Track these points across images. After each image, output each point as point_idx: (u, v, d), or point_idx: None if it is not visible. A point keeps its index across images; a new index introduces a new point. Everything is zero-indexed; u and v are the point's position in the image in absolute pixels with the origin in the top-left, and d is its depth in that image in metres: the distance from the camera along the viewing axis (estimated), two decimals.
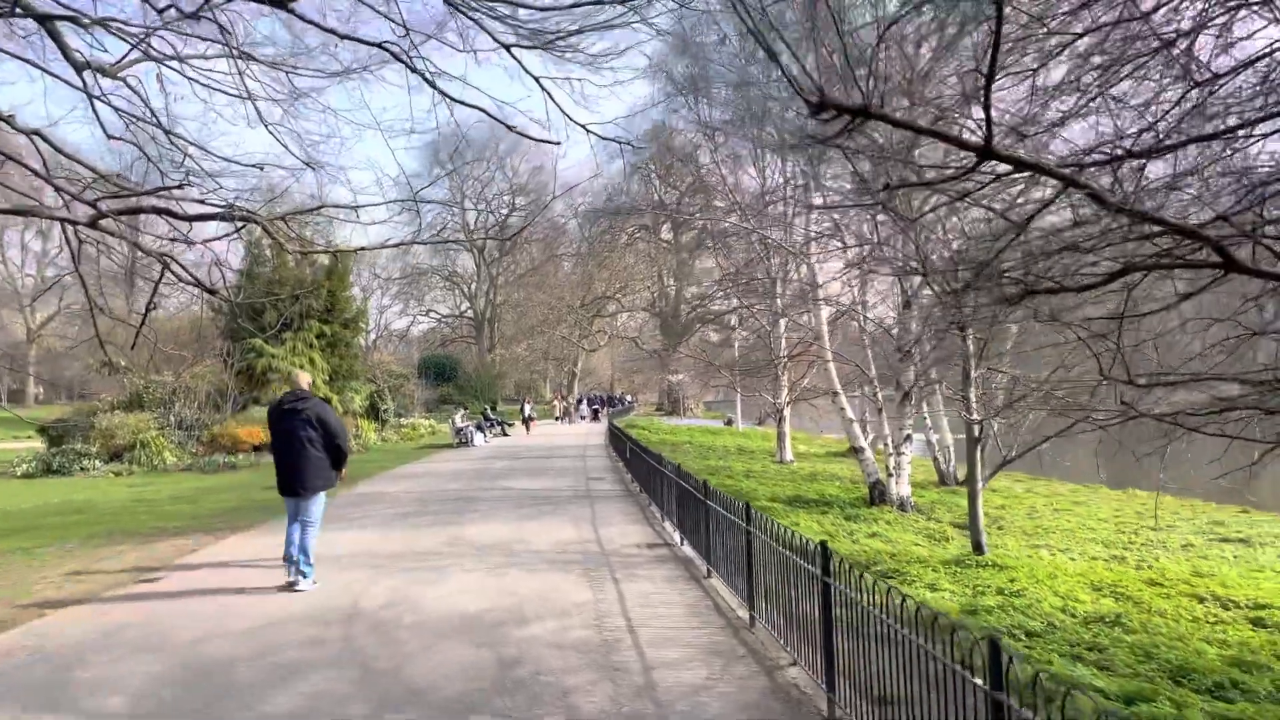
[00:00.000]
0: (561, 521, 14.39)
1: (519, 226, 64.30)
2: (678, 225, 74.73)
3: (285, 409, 9.77)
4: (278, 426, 9.79)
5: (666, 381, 65.94)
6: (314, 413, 9.73)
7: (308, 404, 9.79)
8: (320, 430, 9.72)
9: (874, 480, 17.43)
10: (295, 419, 9.67)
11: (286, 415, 9.73)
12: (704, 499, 10.00)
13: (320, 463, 9.78)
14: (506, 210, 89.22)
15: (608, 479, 21.40)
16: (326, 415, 9.84)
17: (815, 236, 19.10)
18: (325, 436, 9.75)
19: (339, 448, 9.91)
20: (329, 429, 9.78)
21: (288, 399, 9.85)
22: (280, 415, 9.79)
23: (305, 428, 9.65)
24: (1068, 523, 16.53)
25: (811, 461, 28.58)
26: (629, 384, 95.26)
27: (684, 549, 11.75)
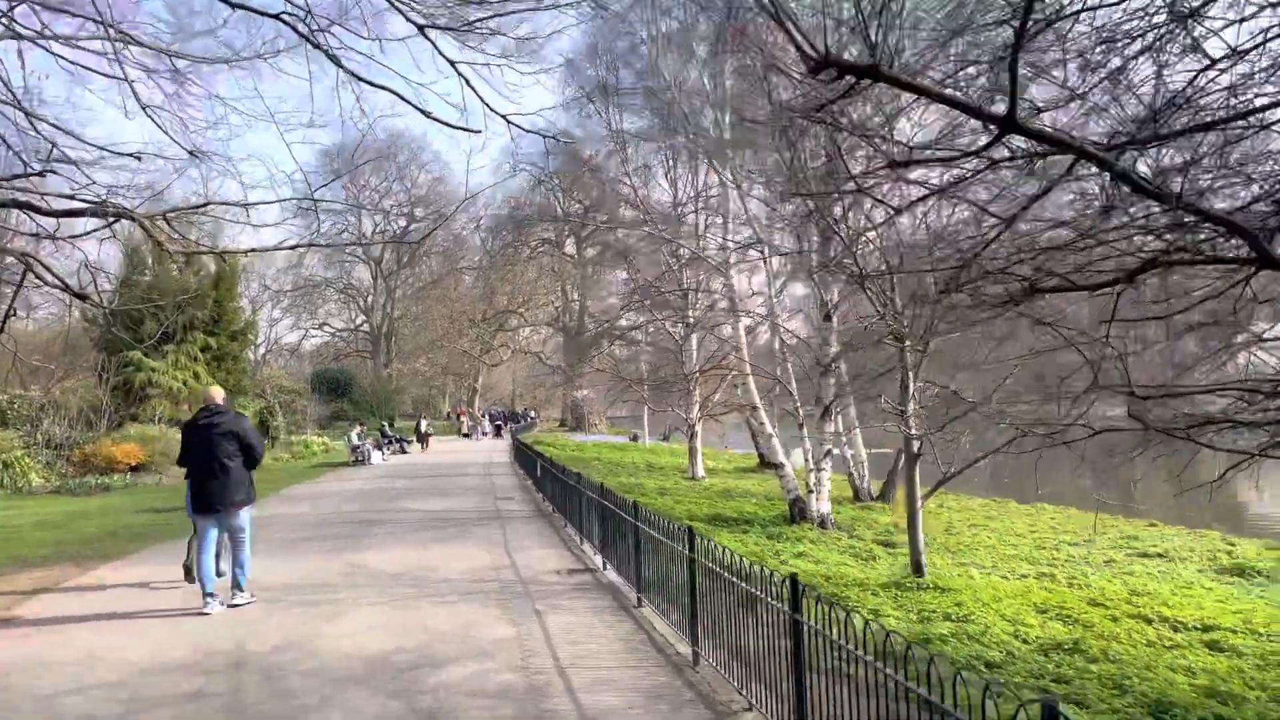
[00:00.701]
0: (472, 545, 13.43)
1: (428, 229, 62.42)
2: (582, 239, 74.13)
3: (201, 425, 9.55)
4: (193, 442, 9.52)
5: (571, 397, 64.96)
6: (231, 427, 9.56)
7: (224, 418, 9.61)
8: (238, 445, 9.55)
9: (794, 497, 16.96)
10: (212, 434, 9.46)
11: (203, 430, 9.50)
12: (634, 521, 9.24)
13: (241, 477, 9.60)
14: (405, 221, 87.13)
15: (517, 498, 20.45)
16: (245, 429, 9.70)
17: (736, 246, 18.62)
18: (244, 450, 9.60)
19: (253, 453, 9.74)
20: (248, 443, 9.63)
21: (203, 415, 9.63)
22: (196, 431, 9.55)
23: (224, 443, 9.46)
24: (987, 539, 16.35)
25: (722, 477, 28.12)
26: (530, 399, 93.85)
27: (608, 574, 10.96)
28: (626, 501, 9.75)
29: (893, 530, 16.64)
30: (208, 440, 9.46)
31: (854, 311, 16.57)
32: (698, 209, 24.73)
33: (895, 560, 13.74)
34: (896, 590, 9.74)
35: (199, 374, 33.30)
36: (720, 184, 18.82)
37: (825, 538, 15.42)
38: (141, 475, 26.72)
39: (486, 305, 74.02)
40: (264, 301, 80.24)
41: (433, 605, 9.36)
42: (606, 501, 10.83)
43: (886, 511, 19.65)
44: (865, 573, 11.58)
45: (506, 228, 71.87)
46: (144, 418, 30.52)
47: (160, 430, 29.00)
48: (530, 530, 15.04)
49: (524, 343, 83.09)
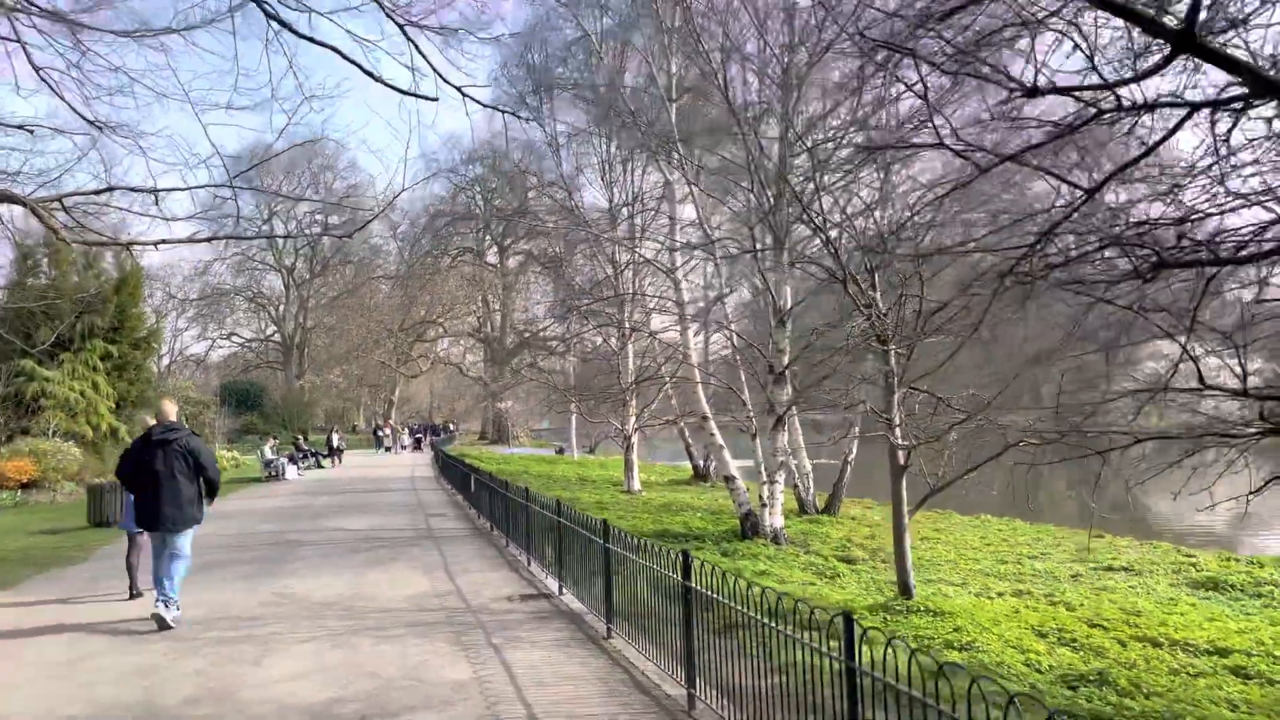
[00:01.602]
0: (410, 569, 12.28)
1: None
2: (504, 247, 72.82)
3: (155, 440, 9.37)
4: (144, 459, 9.33)
5: (493, 409, 63.40)
6: (185, 445, 9.44)
7: (179, 435, 9.48)
8: (192, 462, 9.41)
9: (746, 511, 16.18)
10: (166, 450, 9.31)
11: (156, 447, 9.33)
12: (604, 543, 8.29)
13: (192, 496, 9.47)
14: (320, 229, 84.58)
15: (450, 515, 19.24)
16: (198, 447, 9.57)
17: (683, 246, 17.82)
18: (196, 468, 9.45)
19: (210, 479, 9.65)
20: (200, 460, 9.48)
21: (156, 431, 9.44)
22: (149, 447, 9.37)
23: (177, 460, 9.32)
24: (945, 552, 15.82)
25: (657, 490, 27.27)
26: (449, 412, 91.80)
27: (566, 599, 9.97)
28: (593, 521, 8.80)
29: (848, 545, 15.98)
30: (160, 457, 9.28)
31: (814, 313, 15.93)
32: (634, 212, 23.92)
33: (860, 577, 13.07)
34: (885, 614, 8.97)
35: (98, 384, 31.07)
36: (666, 183, 17.99)
37: (782, 554, 14.66)
38: (34, 493, 24.65)
39: (404, 315, 71.97)
40: (169, 310, 76.80)
41: (375, 641, 8.24)
42: (567, 520, 9.85)
43: (835, 524, 19.03)
44: (842, 593, 10.82)
45: (424, 237, 70.23)
46: (36, 431, 28.28)
47: (54, 444, 26.88)
48: (470, 550, 13.94)
49: (444, 354, 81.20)
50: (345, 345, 73.78)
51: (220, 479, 10.00)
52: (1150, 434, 7.18)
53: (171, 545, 9.37)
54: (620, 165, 24.81)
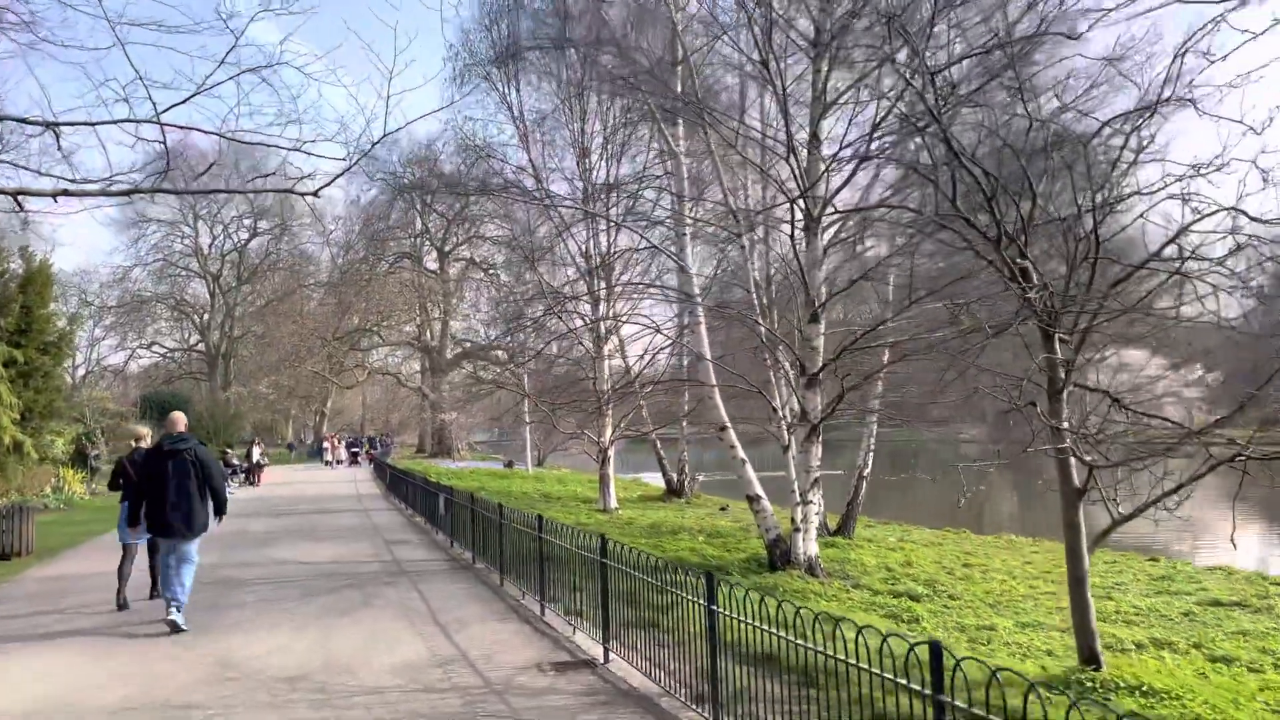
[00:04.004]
0: (390, 619, 9.64)
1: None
2: (445, 253, 69.81)
3: (167, 450, 9.62)
4: (156, 468, 9.61)
5: (436, 420, 60.16)
6: (195, 455, 9.70)
7: (188, 445, 9.74)
8: (201, 472, 9.68)
9: (775, 536, 13.81)
10: (177, 460, 9.56)
11: (168, 457, 9.58)
12: (708, 603, 5.85)
13: (199, 505, 9.68)
14: (248, 234, 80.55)
15: (415, 541, 16.52)
16: (207, 458, 9.87)
17: (703, 222, 15.43)
18: (205, 479, 9.72)
19: (219, 493, 9.93)
20: (209, 472, 9.78)
21: (167, 441, 9.68)
22: (161, 457, 9.63)
23: (188, 469, 9.57)
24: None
25: (633, 509, 24.76)
26: (383, 424, 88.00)
27: (617, 668, 7.49)
28: (672, 569, 6.35)
29: (893, 575, 13.74)
30: (170, 467, 9.52)
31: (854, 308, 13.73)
32: (610, 199, 21.47)
33: (944, 620, 10.79)
34: (1079, 693, 6.66)
35: (0, 393, 27.47)
36: (671, 155, 15.59)
37: (828, 590, 12.35)
38: None
39: (338, 323, 68.26)
40: (85, 318, 71.96)
41: None
42: (629, 567, 7.37)
43: (856, 548, 16.80)
44: (997, 657, 8.50)
45: (358, 242, 66.79)
46: None
47: None
48: (458, 591, 11.32)
49: (380, 364, 77.54)
50: (275, 355, 69.71)
51: (227, 495, 10.35)
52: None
53: (181, 552, 9.62)
54: (602, 143, 22.37)
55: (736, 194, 14.42)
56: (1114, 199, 6.94)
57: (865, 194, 13.11)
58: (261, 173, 74.16)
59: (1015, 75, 7.46)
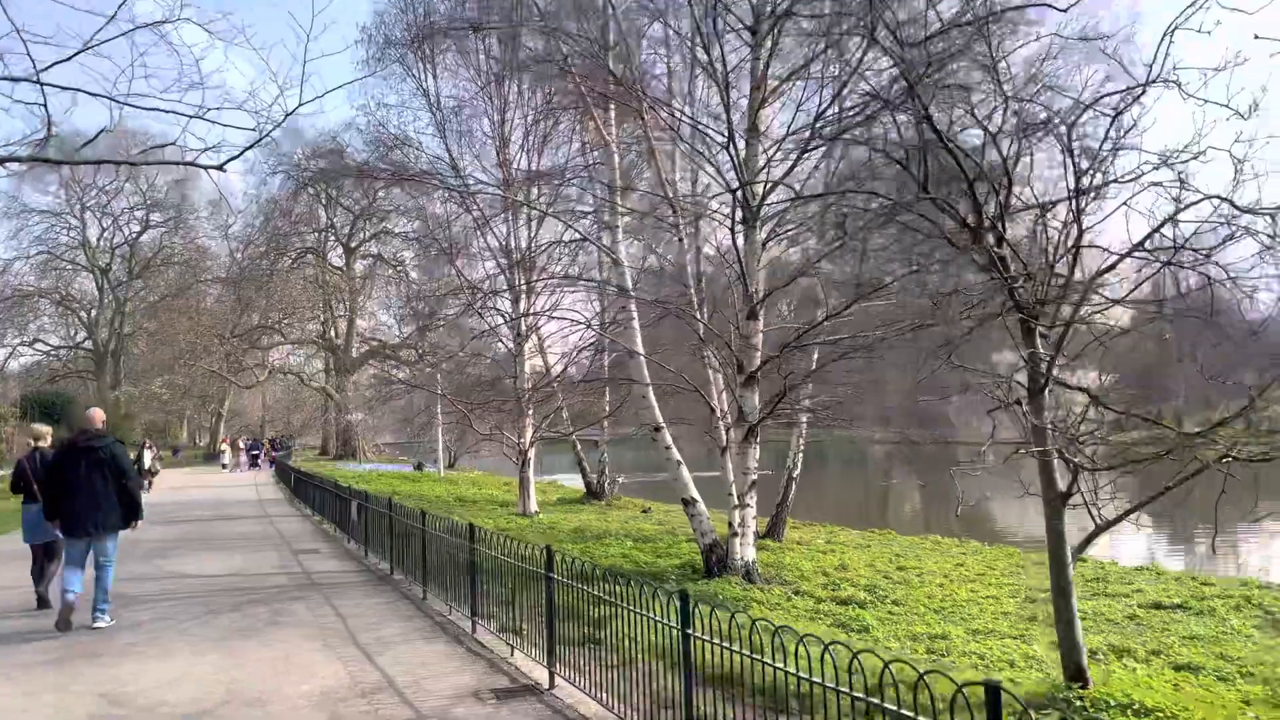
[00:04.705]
0: (302, 639, 8.72)
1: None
2: (351, 249, 67.72)
3: (82, 447, 9.43)
4: (67, 464, 9.38)
5: (344, 421, 58.16)
6: (110, 453, 9.50)
7: (104, 443, 9.54)
8: (114, 470, 9.46)
9: (711, 542, 13.25)
10: (90, 458, 9.36)
11: (82, 454, 9.38)
12: (680, 627, 5.20)
13: (114, 502, 9.48)
14: (140, 227, 76.72)
15: (325, 551, 15.46)
16: (122, 457, 9.64)
17: (637, 213, 14.76)
18: (118, 478, 9.50)
19: (133, 495, 9.69)
20: (123, 472, 9.56)
21: (82, 438, 9.54)
22: (75, 454, 9.41)
23: (101, 468, 9.37)
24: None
25: (554, 512, 23.95)
26: (285, 425, 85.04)
27: (565, 695, 6.77)
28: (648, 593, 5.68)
29: (832, 580, 13.32)
30: (86, 464, 9.34)
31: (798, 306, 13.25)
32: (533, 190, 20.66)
33: (897, 629, 10.35)
34: (1062, 715, 6.19)
35: None
36: (602, 143, 14.89)
37: (769, 597, 11.84)
38: None
39: (238, 320, 65.46)
40: None
41: None
42: (598, 591, 6.67)
43: (787, 551, 16.40)
44: (965, 672, 8.03)
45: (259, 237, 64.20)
46: None
47: None
48: (377, 607, 10.43)
49: (282, 362, 74.77)
50: (169, 353, 66.56)
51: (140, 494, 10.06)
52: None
53: (101, 551, 9.48)
54: (524, 134, 21.52)
55: (671, 185, 13.77)
56: (1099, 185, 6.54)
57: (805, 187, 12.64)
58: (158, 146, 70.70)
59: (989, 50, 7.01)
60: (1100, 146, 6.60)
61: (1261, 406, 5.69)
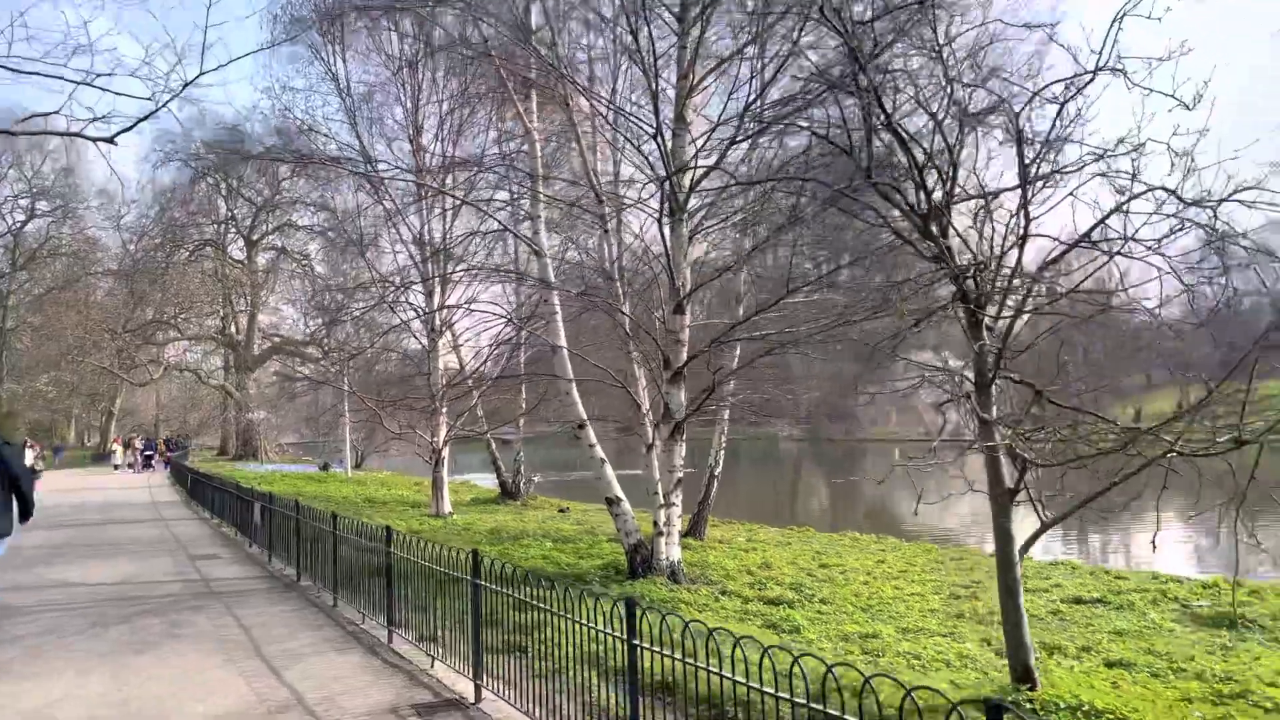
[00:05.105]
0: (202, 657, 8.04)
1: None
2: (252, 241, 65.34)
3: None
4: None
5: (244, 420, 56.05)
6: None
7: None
8: (5, 471, 8.98)
9: (636, 542, 12.89)
10: None
11: None
12: (628, 636, 4.82)
13: (4, 504, 8.99)
14: (24, 216, 72.72)
15: (226, 556, 14.60)
16: (11, 457, 9.19)
17: (562, 203, 14.27)
18: (10, 479, 9.03)
19: (25, 496, 9.20)
20: (13, 472, 9.07)
21: None
22: None
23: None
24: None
25: (469, 513, 23.28)
26: (180, 425, 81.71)
27: (494, 710, 6.31)
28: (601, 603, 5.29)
29: (758, 579, 13.09)
30: None
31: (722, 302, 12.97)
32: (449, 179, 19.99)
33: (827, 628, 10.14)
34: None
35: None
36: (525, 131, 14.38)
37: (697, 598, 11.53)
38: None
39: (131, 315, 62.46)
40: None
41: None
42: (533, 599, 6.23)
43: (710, 550, 16.17)
44: (911, 673, 7.79)
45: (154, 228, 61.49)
46: None
47: None
48: (283, 616, 9.77)
49: (178, 359, 71.77)
50: (56, 349, 63.24)
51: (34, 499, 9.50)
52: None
53: None
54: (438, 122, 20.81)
55: (597, 175, 13.37)
56: (1046, 174, 6.39)
57: (737, 178, 12.38)
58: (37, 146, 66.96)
59: (934, 34, 6.81)
60: (1049, 134, 6.44)
61: (1218, 399, 5.57)
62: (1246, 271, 6.02)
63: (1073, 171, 6.65)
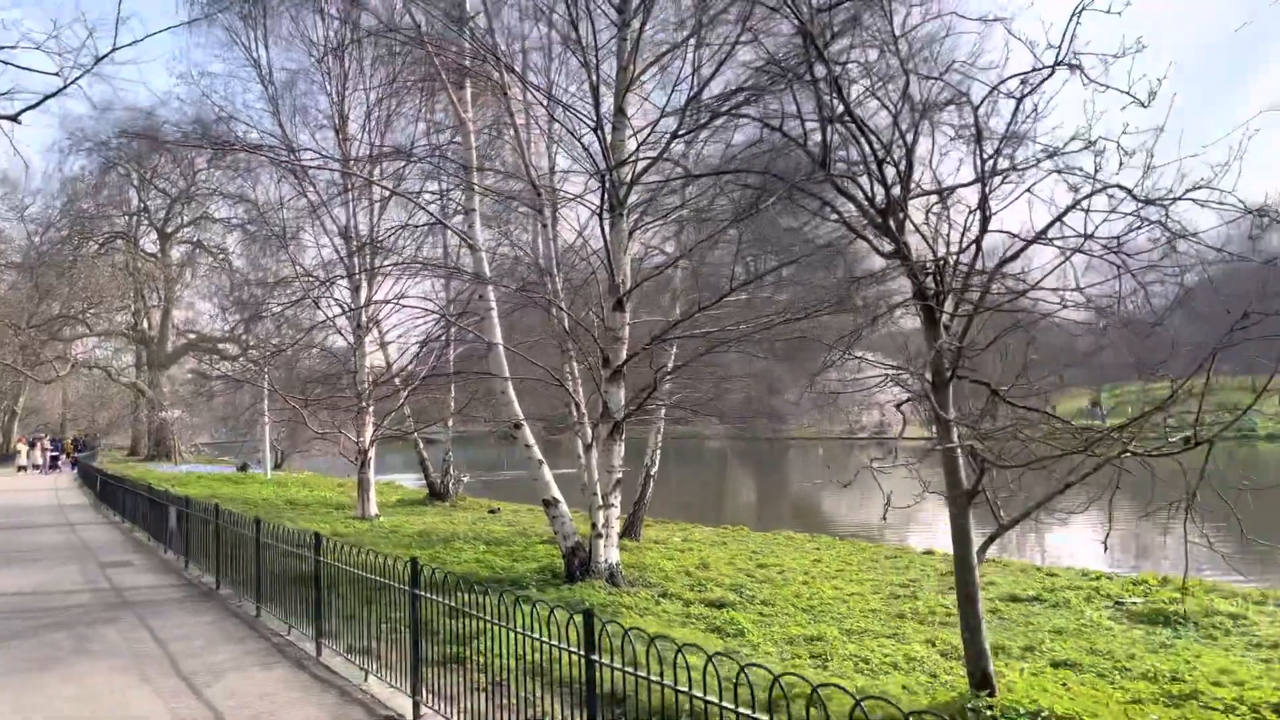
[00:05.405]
0: (114, 675, 7.49)
1: None
2: (166, 234, 63.07)
3: None
4: None
5: (157, 419, 54.04)
6: None
7: None
8: None
9: (573, 544, 12.58)
10: None
11: None
12: (587, 652, 4.53)
13: None
14: None
15: (139, 564, 13.86)
16: None
17: (500, 196, 13.83)
18: None
19: None
20: None
21: None
22: None
23: None
24: (781, 581, 13.27)
25: (395, 515, 22.64)
26: (89, 424, 78.59)
27: None
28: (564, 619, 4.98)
29: (698, 580, 12.87)
30: None
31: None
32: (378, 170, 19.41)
33: (772, 632, 9.96)
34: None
35: None
36: (458, 122, 13.91)
37: (638, 602, 11.25)
38: None
39: (35, 309, 59.67)
40: None
41: None
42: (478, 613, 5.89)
43: (647, 551, 15.93)
44: (863, 679, 7.59)
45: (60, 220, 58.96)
46: None
47: None
48: (202, 628, 9.22)
49: (87, 356, 68.94)
50: None
51: None
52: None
53: None
54: (365, 113, 20.15)
55: (535, 168, 13.01)
56: (1005, 170, 6.27)
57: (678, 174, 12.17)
58: None
59: (890, 24, 6.65)
60: (1007, 128, 6.33)
61: (1182, 398, 5.50)
62: (1209, 269, 5.99)
63: (1028, 167, 6.56)
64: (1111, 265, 6.04)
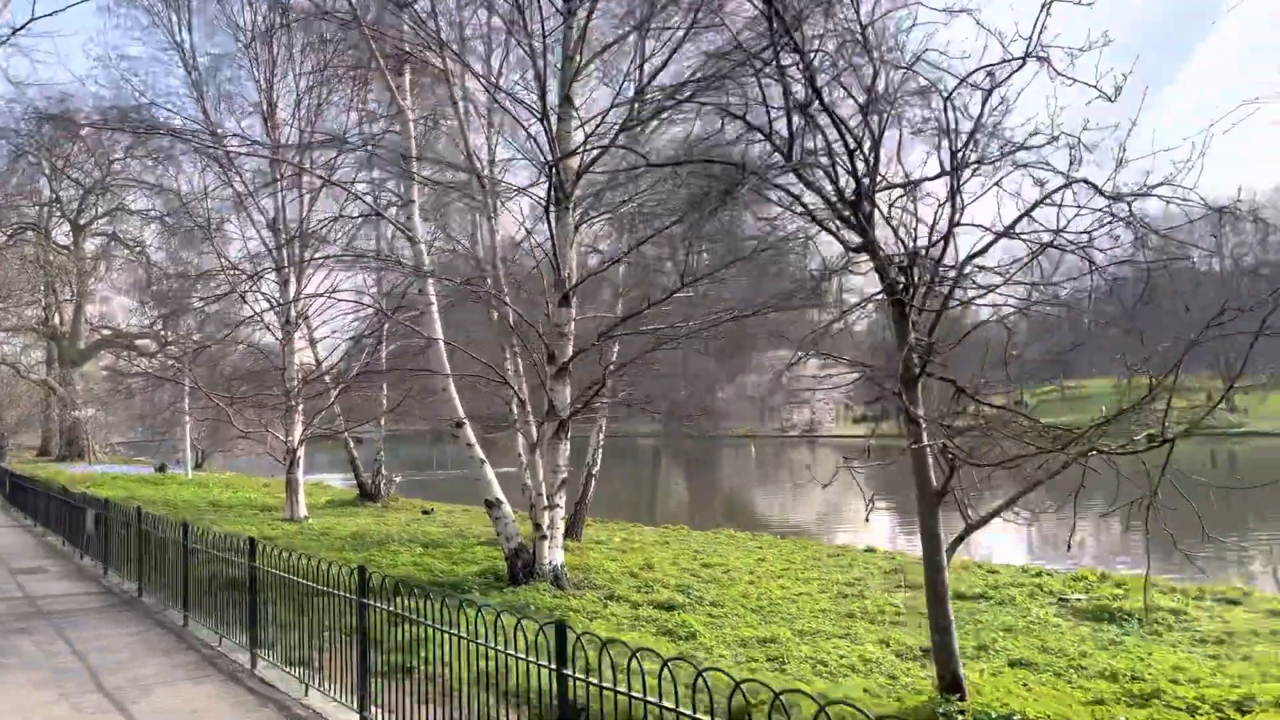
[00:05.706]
0: (29, 691, 6.95)
1: None
2: (80, 226, 60.70)
3: None
4: None
5: (69, 418, 51.91)
6: None
7: None
8: None
9: (516, 546, 12.24)
10: None
11: None
12: (562, 671, 4.24)
13: None
14: None
15: (55, 571, 13.11)
16: None
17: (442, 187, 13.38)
18: None
19: None
20: None
21: None
22: None
23: None
24: (727, 581, 13.13)
25: (325, 515, 21.95)
26: None
27: None
28: None
29: (644, 582, 12.63)
30: None
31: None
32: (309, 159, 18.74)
33: (723, 633, 9.77)
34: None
35: None
36: (396, 111, 13.44)
37: (584, 605, 10.97)
38: None
39: None
40: None
41: None
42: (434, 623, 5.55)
43: (589, 552, 15.63)
44: (825, 684, 7.40)
45: None
46: None
47: None
48: (125, 639, 8.67)
49: None
50: None
51: None
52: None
53: None
54: (294, 101, 19.45)
55: (478, 158, 12.63)
56: (974, 163, 6.15)
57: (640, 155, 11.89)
58: None
59: (857, 13, 6.49)
60: (976, 120, 6.21)
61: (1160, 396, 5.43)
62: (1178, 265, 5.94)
63: (996, 160, 6.46)
64: (1083, 261, 5.96)
